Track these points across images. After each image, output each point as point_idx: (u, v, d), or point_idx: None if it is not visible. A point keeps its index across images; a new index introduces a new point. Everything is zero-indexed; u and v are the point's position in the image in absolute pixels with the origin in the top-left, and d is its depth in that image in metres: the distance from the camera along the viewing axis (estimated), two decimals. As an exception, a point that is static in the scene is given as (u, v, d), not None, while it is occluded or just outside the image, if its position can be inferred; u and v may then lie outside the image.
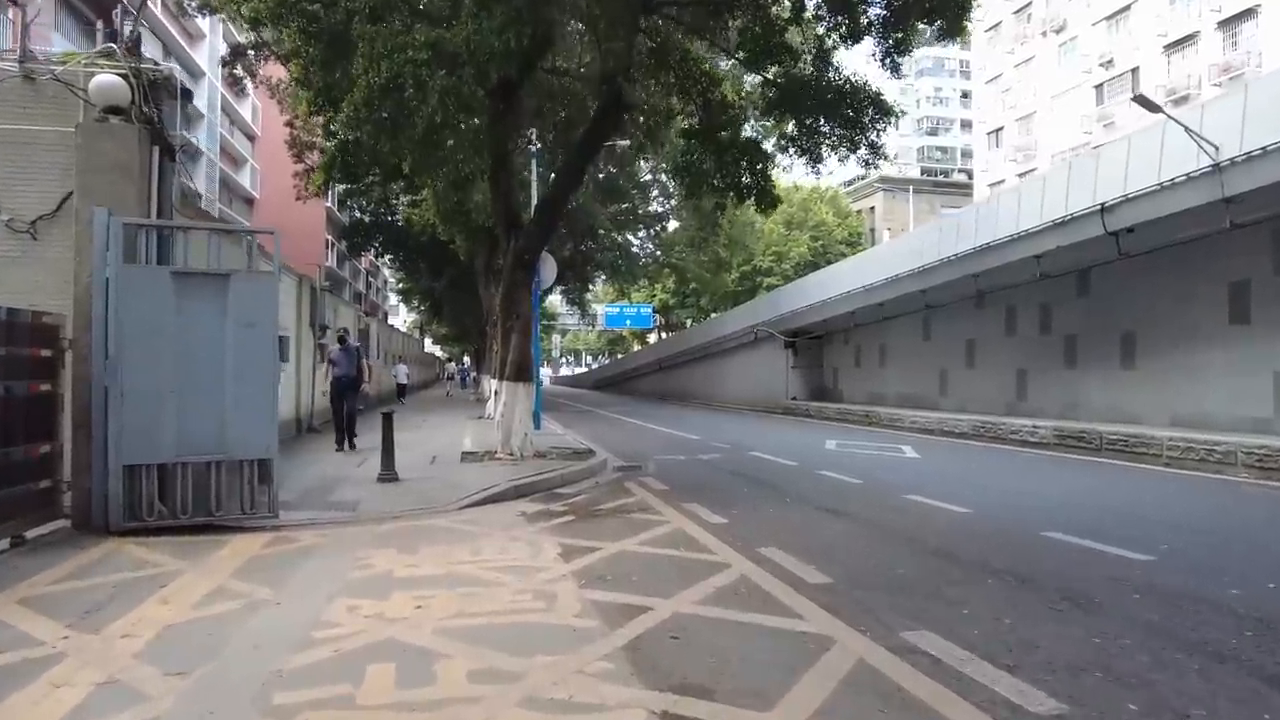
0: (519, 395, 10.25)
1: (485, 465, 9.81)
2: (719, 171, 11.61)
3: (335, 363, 11.53)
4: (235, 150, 40.84)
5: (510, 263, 10.18)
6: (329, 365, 11.57)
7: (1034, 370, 15.37)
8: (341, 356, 11.52)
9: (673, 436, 15.87)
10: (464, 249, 18.80)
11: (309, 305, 15.25)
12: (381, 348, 29.85)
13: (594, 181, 27.35)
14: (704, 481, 9.46)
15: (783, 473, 10.14)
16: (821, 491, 8.59)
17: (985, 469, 10.83)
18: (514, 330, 10.16)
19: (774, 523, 6.88)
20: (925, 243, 16.61)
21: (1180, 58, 33.04)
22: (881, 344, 20.62)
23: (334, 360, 11.56)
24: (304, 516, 7.07)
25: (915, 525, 6.77)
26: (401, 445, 12.51)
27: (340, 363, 11.43)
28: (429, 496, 7.96)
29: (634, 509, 7.58)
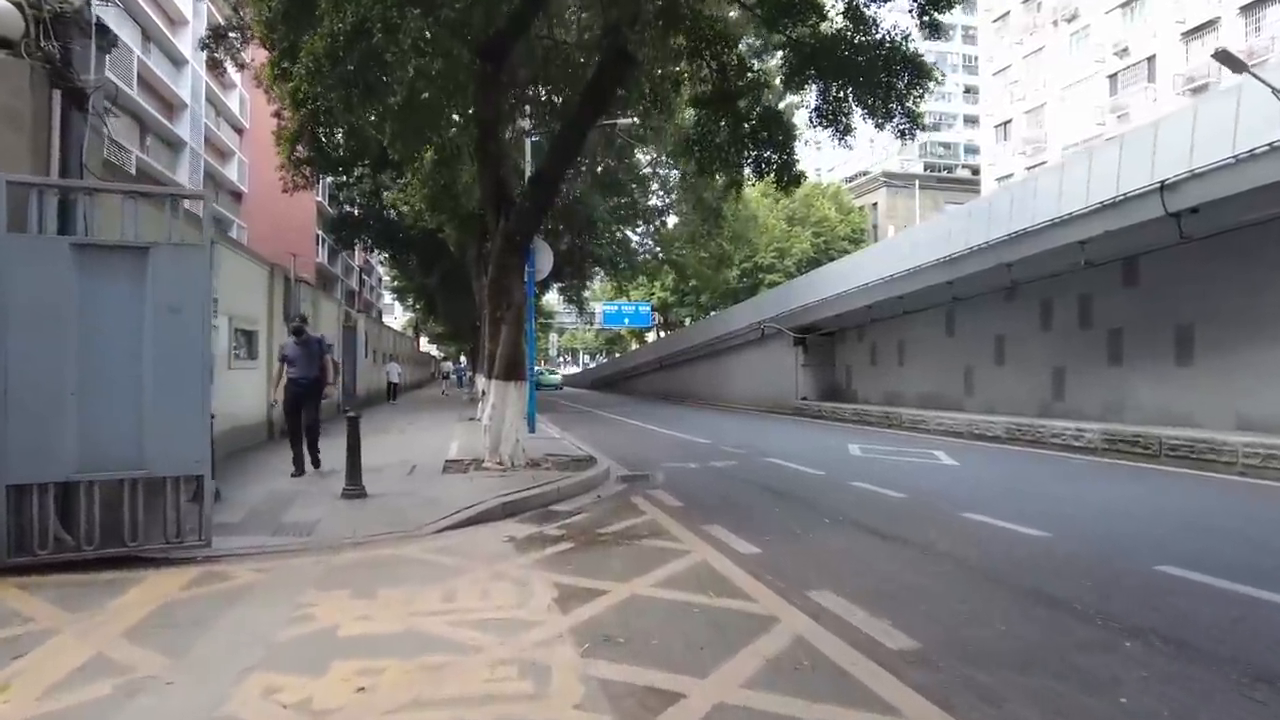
0: (510, 396, 9.00)
1: (471, 477, 8.55)
2: (735, 144, 10.38)
3: (290, 360, 8.78)
4: (222, 142, 39.52)
5: (500, 244, 8.92)
6: (281, 364, 8.82)
7: (1072, 368, 14.14)
8: (298, 352, 8.74)
9: (679, 440, 14.62)
10: (453, 239, 17.53)
11: (282, 297, 13.96)
12: (371, 346, 28.56)
13: (592, 174, 26.19)
14: (722, 495, 8.21)
15: (810, 484, 8.90)
16: (862, 508, 7.35)
17: (1038, 479, 9.60)
18: (504, 321, 8.91)
19: (818, 552, 5.64)
20: (953, 230, 15.37)
21: (1200, 44, 31.92)
22: (900, 340, 19.37)
23: (288, 357, 8.80)
24: (245, 544, 5.81)
25: (990, 555, 5.53)
26: (380, 451, 11.21)
27: (296, 360, 8.73)
28: (401, 517, 6.71)
29: (644, 533, 6.34)
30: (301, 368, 8.66)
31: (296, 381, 8.70)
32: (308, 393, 8.75)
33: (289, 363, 8.75)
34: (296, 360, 8.71)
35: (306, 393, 8.74)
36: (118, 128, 26.77)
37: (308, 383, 8.71)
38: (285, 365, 8.78)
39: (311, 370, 8.72)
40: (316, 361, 8.79)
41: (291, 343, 8.86)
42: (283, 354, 8.88)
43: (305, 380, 8.69)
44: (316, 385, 8.80)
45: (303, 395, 8.73)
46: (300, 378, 8.69)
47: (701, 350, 31.58)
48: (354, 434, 7.38)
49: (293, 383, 8.73)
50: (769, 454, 11.83)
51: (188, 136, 33.32)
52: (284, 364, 8.79)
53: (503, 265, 8.95)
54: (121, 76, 26.38)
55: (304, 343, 8.75)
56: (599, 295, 62.46)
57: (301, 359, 8.68)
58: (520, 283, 9.17)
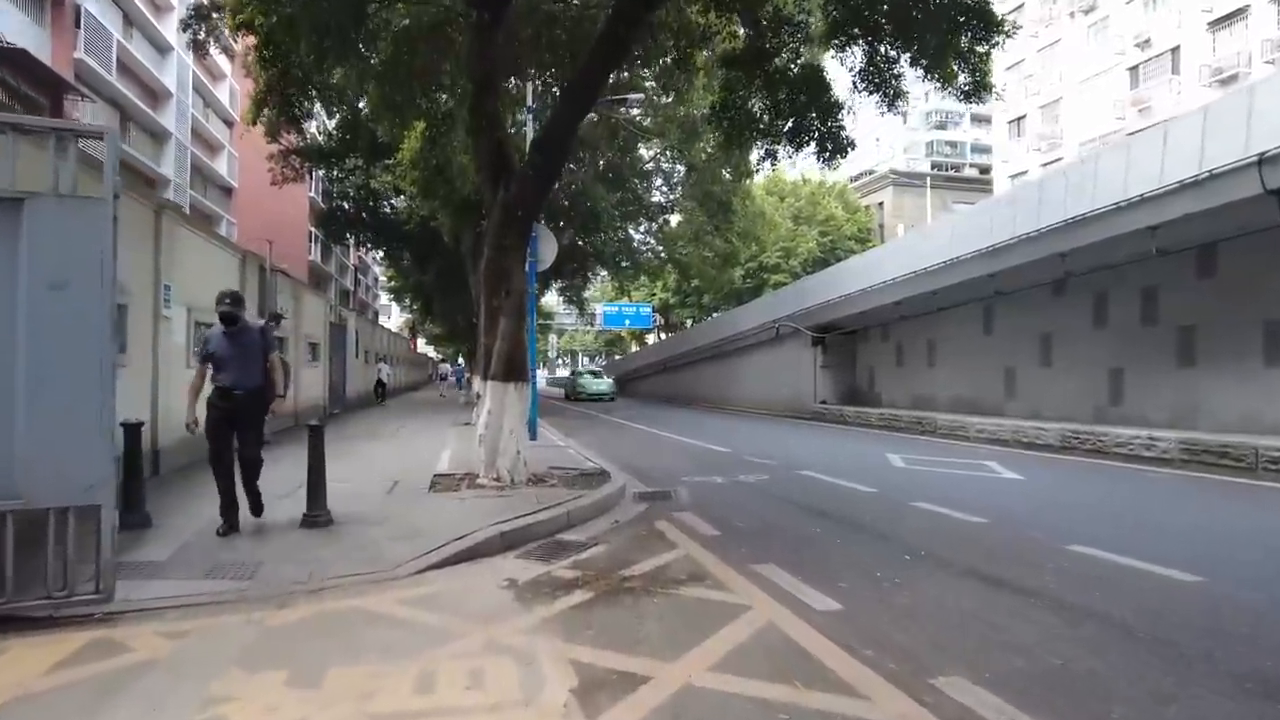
0: (509, 400, 7.61)
1: (463, 496, 7.16)
2: (770, 111, 9.03)
3: (216, 360, 5.80)
4: (211, 135, 38.09)
5: (498, 219, 7.54)
6: (202, 365, 5.87)
7: (1133, 369, 12.76)
8: (229, 349, 5.79)
9: (695, 448, 13.24)
10: (448, 228, 16.14)
11: (256, 289, 12.58)
12: (363, 346, 27.17)
13: (594, 169, 24.87)
14: (764, 521, 6.83)
15: (864, 505, 7.52)
16: (941, 538, 5.98)
17: (1129, 498, 8.23)
18: (502, 311, 7.53)
19: (917, 608, 4.26)
20: (996, 218, 14.01)
21: (1228, 34, 30.73)
22: (930, 339, 17.98)
23: (213, 355, 5.80)
24: (163, 594, 4.44)
25: (1146, 611, 4.15)
26: (360, 462, 9.84)
27: (227, 360, 5.79)
28: (372, 552, 5.33)
29: (681, 575, 4.96)
30: (234, 371, 5.76)
31: (226, 392, 5.75)
32: (244, 409, 5.81)
33: (215, 364, 5.78)
34: (227, 360, 5.76)
35: (242, 409, 5.80)
36: (95, 114, 25.40)
37: (244, 394, 5.77)
38: (208, 367, 5.81)
39: (249, 375, 5.81)
40: (257, 362, 5.88)
41: (218, 334, 5.81)
42: (205, 350, 5.82)
43: (240, 390, 5.75)
44: (257, 398, 5.89)
45: (236, 413, 5.78)
46: (233, 386, 5.74)
47: (709, 351, 30.18)
48: (316, 448, 5.99)
49: (221, 394, 5.78)
50: (801, 466, 10.46)
51: (173, 127, 31.91)
52: (206, 365, 5.81)
53: (501, 245, 7.57)
54: (100, 61, 25.02)
55: (238, 335, 5.80)
56: (599, 296, 61.25)
57: (234, 358, 5.76)
58: (521, 266, 7.79)
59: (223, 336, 5.82)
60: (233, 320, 5.83)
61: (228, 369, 5.78)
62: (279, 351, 6.47)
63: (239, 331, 5.85)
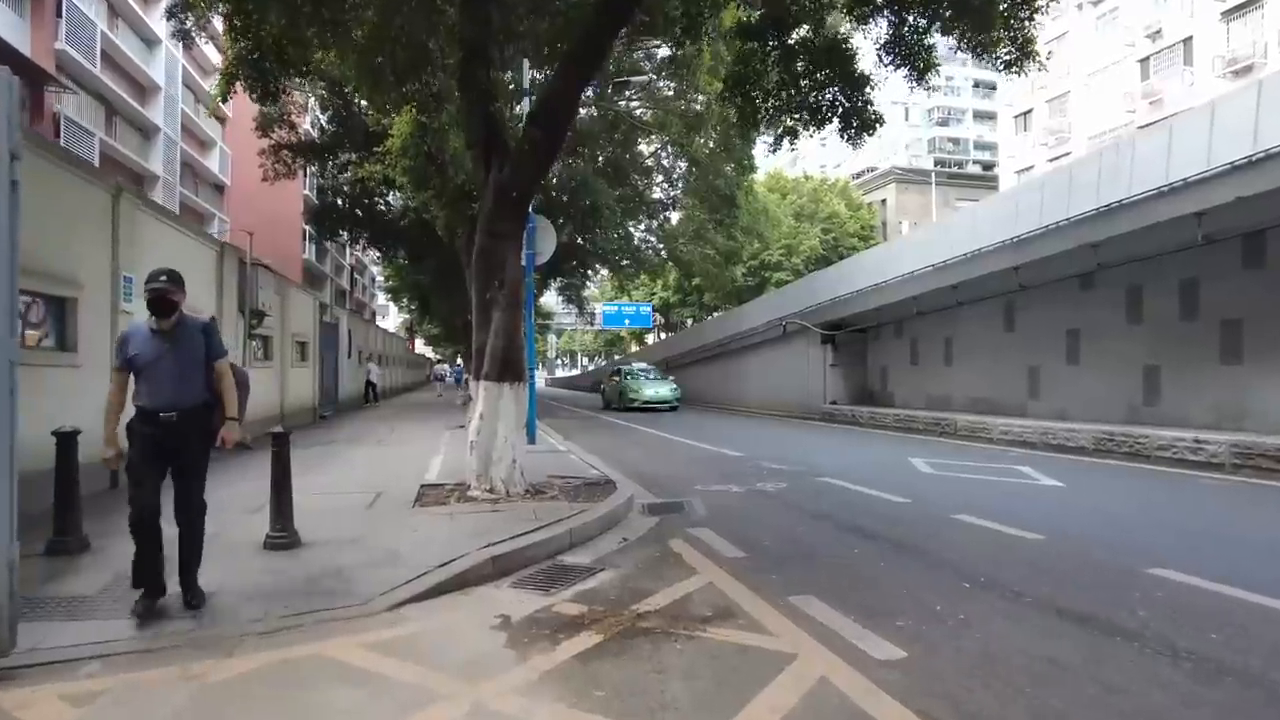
0: (504, 403, 6.83)
1: (451, 511, 6.37)
2: (789, 85, 8.26)
3: (142, 367, 3.99)
4: (201, 131, 37.27)
5: (491, 203, 6.76)
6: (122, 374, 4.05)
7: (1171, 366, 11.97)
8: (156, 350, 4.00)
9: (704, 453, 12.47)
10: (442, 222, 15.33)
11: (235, 284, 11.80)
12: (356, 346, 26.39)
13: (593, 164, 24.13)
14: (793, 539, 6.05)
15: (901, 519, 6.74)
16: (998, 560, 5.20)
17: (1190, 508, 7.45)
18: (496, 304, 6.74)
19: (997, 654, 3.49)
20: (1021, 206, 13.24)
21: (1242, 24, 30.05)
22: (947, 336, 17.17)
23: (135, 358, 3.99)
24: (84, 638, 3.67)
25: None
26: (341, 470, 9.05)
27: (156, 367, 3.99)
28: (341, 581, 4.56)
29: (706, 610, 4.19)
30: (166, 384, 3.96)
31: (153, 415, 3.96)
32: (180, 439, 4.01)
33: (138, 373, 3.99)
34: (156, 368, 3.96)
35: (177, 439, 4.00)
36: (78, 107, 24.61)
37: (180, 417, 3.98)
38: (131, 377, 4.03)
39: (188, 390, 4.02)
40: (199, 372, 4.09)
41: (143, 331, 4.05)
42: (124, 353, 4.03)
43: (175, 412, 3.97)
44: (197, 422, 4.08)
45: (170, 441, 3.99)
46: (164, 407, 3.95)
47: (713, 350, 29.39)
48: (281, 459, 5.21)
49: (145, 418, 3.98)
50: (821, 472, 9.68)
51: (161, 122, 31.09)
52: (127, 373, 4.02)
53: (494, 230, 6.79)
54: (83, 52, 24.23)
55: (173, 334, 4.00)
56: (599, 296, 60.46)
57: (166, 366, 3.97)
58: (517, 254, 7.01)
59: (151, 335, 3.98)
60: (166, 309, 3.95)
61: (156, 381, 3.94)
62: (227, 357, 4.29)
63: (175, 329, 4.00)
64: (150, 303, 4.01)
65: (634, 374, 26.52)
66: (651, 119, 24.48)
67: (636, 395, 24.26)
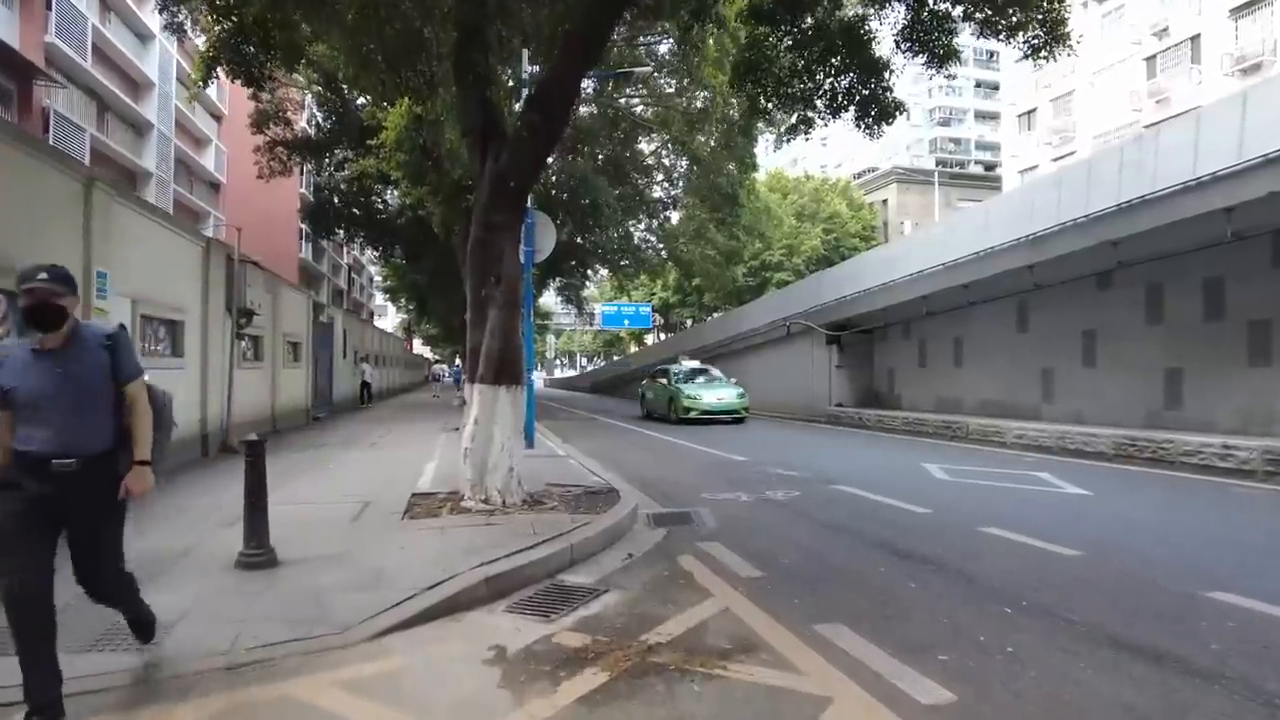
0: (500, 407, 6.39)
1: (443, 525, 5.92)
2: (801, 73, 7.83)
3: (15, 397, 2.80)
4: (197, 129, 36.78)
5: (486, 194, 6.32)
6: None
7: (1194, 368, 11.53)
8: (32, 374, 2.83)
9: (709, 457, 12.03)
10: (439, 219, 14.89)
11: (223, 281, 11.35)
12: (352, 346, 25.94)
13: (593, 161, 23.74)
14: (813, 554, 5.62)
15: (924, 532, 6.30)
16: (1038, 579, 4.77)
17: (1234, 521, 7.01)
18: (492, 302, 6.30)
19: (1059, 698, 3.06)
20: (1037, 202, 12.81)
21: (1251, 22, 29.69)
22: (957, 337, 16.72)
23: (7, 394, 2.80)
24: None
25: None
26: (329, 477, 8.48)
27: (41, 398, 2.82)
28: (319, 606, 4.12)
29: (723, 641, 3.75)
30: (58, 421, 2.84)
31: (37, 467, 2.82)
32: (77, 495, 2.91)
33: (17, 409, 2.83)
34: (41, 398, 2.82)
35: (74, 492, 2.89)
36: (70, 102, 24.15)
37: (83, 466, 2.88)
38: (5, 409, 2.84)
39: (90, 425, 2.93)
40: (101, 402, 2.96)
41: (22, 352, 2.87)
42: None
43: (74, 458, 2.85)
44: (102, 469, 2.96)
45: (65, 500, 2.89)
46: (58, 453, 2.83)
47: (715, 350, 28.94)
48: (255, 469, 4.76)
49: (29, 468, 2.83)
50: (832, 478, 9.24)
51: (155, 118, 30.60)
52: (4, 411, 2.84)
53: (490, 222, 6.35)
54: (74, 46, 23.75)
55: (62, 351, 2.87)
56: (598, 296, 60.04)
57: (55, 398, 2.84)
58: (514, 248, 6.57)
59: (33, 358, 2.86)
60: (51, 319, 2.82)
61: (44, 419, 2.83)
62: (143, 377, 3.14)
63: (66, 346, 2.89)
64: (28, 312, 2.79)
65: (687, 375, 20.76)
66: (653, 116, 24.11)
67: (694, 403, 18.65)
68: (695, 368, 21.76)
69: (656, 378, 21.72)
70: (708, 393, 19.13)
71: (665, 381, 20.56)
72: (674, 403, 19.19)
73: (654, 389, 21.39)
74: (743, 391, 19.32)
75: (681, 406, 18.78)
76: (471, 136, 6.66)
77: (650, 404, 21.40)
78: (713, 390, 19.36)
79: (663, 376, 21.11)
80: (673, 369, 21.39)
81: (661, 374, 21.50)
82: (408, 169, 12.99)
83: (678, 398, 19.13)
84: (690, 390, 19.32)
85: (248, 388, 13.18)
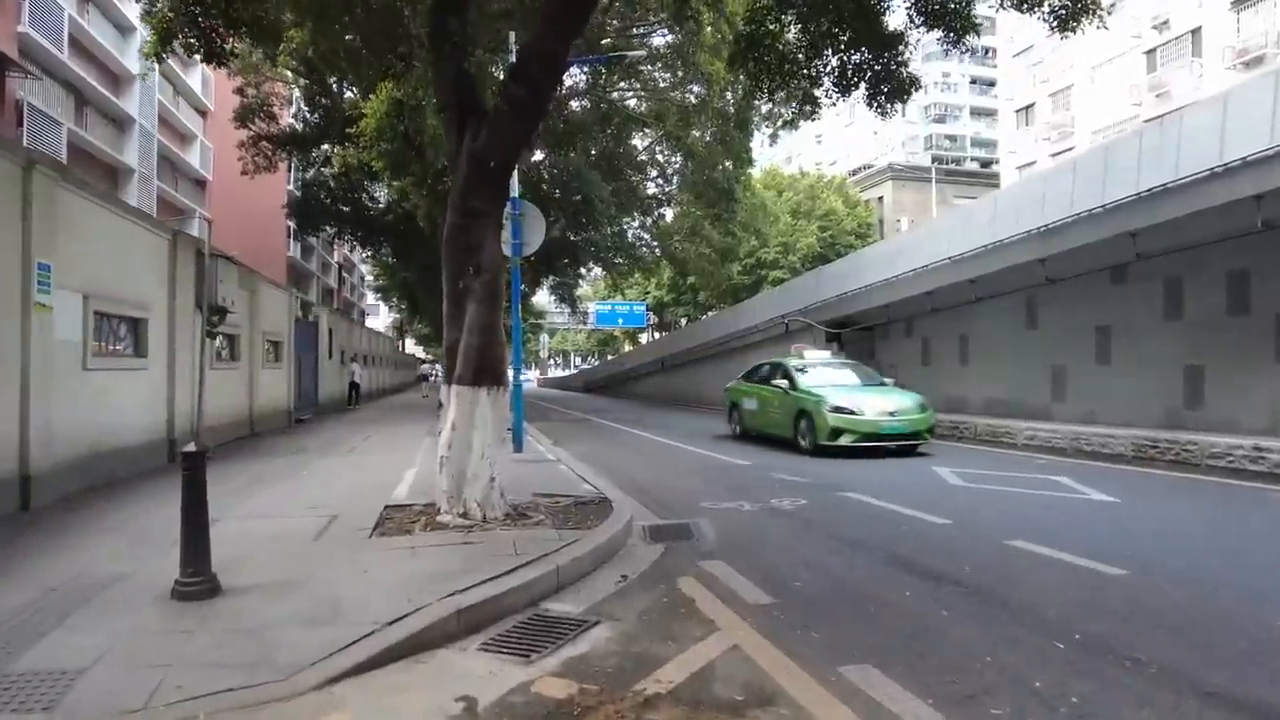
0: (481, 410, 5.79)
1: (414, 544, 5.31)
2: (807, 48, 7.25)
3: None
4: (181, 124, 35.98)
5: (464, 175, 5.71)
6: None
7: (1216, 366, 10.98)
8: None
9: (706, 460, 11.46)
10: (422, 210, 14.26)
11: (193, 275, 10.71)
12: (338, 345, 25.29)
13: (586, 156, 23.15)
14: (827, 574, 5.04)
15: (948, 548, 5.73)
16: (1088, 606, 4.20)
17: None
18: (471, 294, 5.70)
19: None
20: (1049, 193, 12.26)
21: (1253, 14, 29.33)
22: (963, 334, 16.17)
23: None
24: None
25: None
26: (297, 486, 7.90)
27: None
28: (261, 645, 3.51)
29: (738, 693, 3.17)
30: None
31: None
32: None
33: None
34: None
35: None
36: (45, 95, 23.40)
37: None
38: None
39: None
40: None
41: None
42: None
43: None
44: None
45: None
46: None
47: (712, 348, 28.37)
48: (194, 485, 4.14)
49: None
50: (840, 484, 8.67)
51: (136, 113, 29.84)
52: None
53: (469, 208, 5.74)
54: (49, 37, 23.01)
55: None
56: (591, 295, 59.41)
57: None
58: (495, 235, 5.96)
59: None
60: None
61: None
62: None
63: None
64: None
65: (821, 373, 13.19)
66: (646, 110, 23.55)
67: (850, 422, 11.47)
68: (828, 360, 14.21)
69: (765, 378, 13.88)
70: (870, 403, 11.69)
71: (784, 385, 12.84)
72: (809, 420, 11.83)
73: (761, 397, 13.77)
74: (924, 401, 12.16)
75: (826, 427, 11.41)
76: (448, 112, 6.05)
77: (754, 419, 14.08)
78: (877, 398, 11.91)
79: (777, 376, 13.38)
80: (791, 363, 13.56)
81: (772, 372, 13.76)
82: (389, 159, 12.38)
83: (816, 412, 11.66)
84: (839, 399, 11.72)
85: (222, 389, 12.55)
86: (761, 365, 14.86)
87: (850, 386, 12.53)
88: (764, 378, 13.99)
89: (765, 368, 14.42)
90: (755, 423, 13.99)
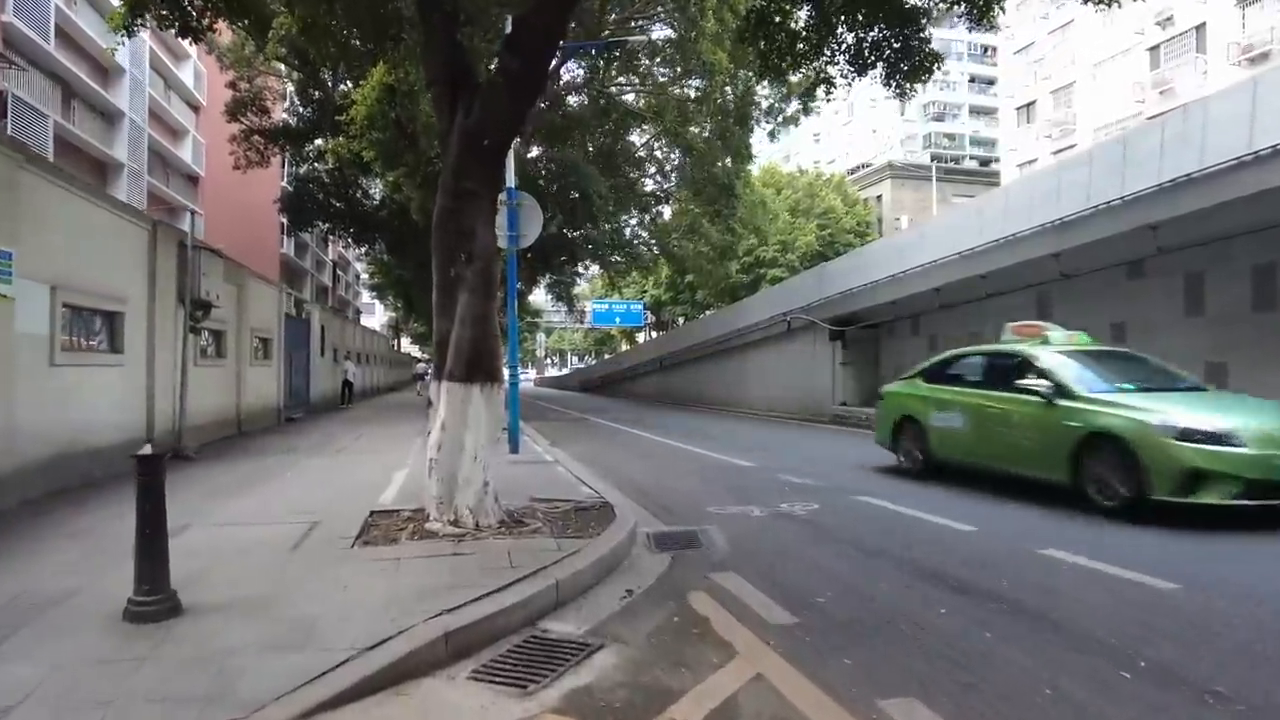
0: (474, 409, 5.35)
1: (400, 554, 4.87)
2: (820, 25, 6.82)
3: None
4: (173, 119, 35.47)
5: (456, 154, 5.28)
6: None
7: (1241, 363, 10.59)
8: None
9: (711, 461, 11.04)
10: (416, 203, 13.81)
11: (174, 269, 10.26)
12: (331, 343, 24.81)
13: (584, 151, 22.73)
14: (852, 588, 4.61)
15: (975, 554, 5.32)
16: (1141, 624, 3.80)
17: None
18: (463, 284, 5.27)
19: None
20: (1064, 184, 11.87)
21: (1259, 9, 29.01)
22: (972, 332, 15.69)
23: None
24: None
25: None
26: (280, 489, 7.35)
27: None
28: (219, 676, 3.07)
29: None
30: None
31: None
32: None
33: None
34: None
35: None
36: (31, 86, 22.88)
37: None
38: None
39: None
40: None
41: None
42: None
43: None
44: None
45: None
46: None
47: (712, 347, 27.96)
48: (150, 493, 3.70)
49: None
50: (853, 488, 8.26)
51: (126, 107, 29.29)
52: None
53: (460, 189, 5.31)
54: (35, 27, 22.50)
55: None
56: (589, 293, 58.96)
57: None
58: (489, 219, 5.53)
59: None
60: None
61: None
62: None
63: None
64: None
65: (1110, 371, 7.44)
66: (645, 106, 23.14)
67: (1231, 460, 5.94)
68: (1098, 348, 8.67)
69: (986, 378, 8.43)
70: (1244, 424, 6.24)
71: (1044, 389, 7.25)
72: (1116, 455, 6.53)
73: (978, 410, 8.18)
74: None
75: (1172, 468, 6.08)
76: (438, 87, 5.61)
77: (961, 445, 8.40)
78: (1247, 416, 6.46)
79: (1019, 374, 7.68)
80: (1041, 354, 7.76)
81: (1002, 368, 8.15)
82: (381, 148, 11.93)
83: (1140, 441, 6.30)
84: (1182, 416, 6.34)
85: (207, 387, 12.09)
86: (965, 354, 9.27)
87: (1168, 394, 7.07)
88: (984, 377, 8.39)
89: (978, 360, 8.78)
90: (965, 451, 8.29)
